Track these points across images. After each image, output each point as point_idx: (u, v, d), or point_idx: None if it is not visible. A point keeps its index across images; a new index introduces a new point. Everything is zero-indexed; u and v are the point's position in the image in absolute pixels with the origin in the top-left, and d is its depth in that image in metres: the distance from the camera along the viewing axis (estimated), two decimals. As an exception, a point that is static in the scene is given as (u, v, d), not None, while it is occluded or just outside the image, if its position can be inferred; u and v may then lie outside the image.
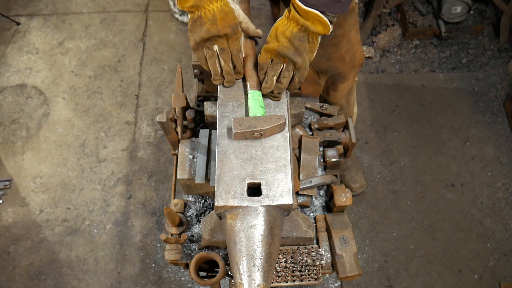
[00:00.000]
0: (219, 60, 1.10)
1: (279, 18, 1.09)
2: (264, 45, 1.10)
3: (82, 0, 3.25)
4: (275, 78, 1.10)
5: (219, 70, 1.11)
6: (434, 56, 2.97)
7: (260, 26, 1.25)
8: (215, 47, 1.07)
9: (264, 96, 1.14)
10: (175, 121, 1.38)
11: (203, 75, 1.48)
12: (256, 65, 1.15)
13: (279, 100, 1.15)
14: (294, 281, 1.22)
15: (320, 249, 1.27)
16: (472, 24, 2.98)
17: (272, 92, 1.13)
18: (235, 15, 1.06)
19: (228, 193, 1.00)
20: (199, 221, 1.34)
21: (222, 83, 1.14)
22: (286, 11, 1.07)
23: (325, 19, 1.03)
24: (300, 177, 1.34)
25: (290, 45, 1.06)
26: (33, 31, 3.10)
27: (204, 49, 1.09)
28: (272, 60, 1.10)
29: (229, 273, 1.24)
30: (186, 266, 1.30)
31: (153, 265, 2.32)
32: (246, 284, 0.92)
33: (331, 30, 1.07)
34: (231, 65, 1.10)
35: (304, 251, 1.25)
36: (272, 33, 1.09)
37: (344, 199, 1.27)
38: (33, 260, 2.34)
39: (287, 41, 1.05)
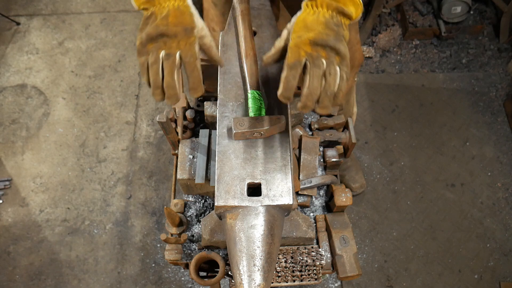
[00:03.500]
0: (162, 70, 0.89)
1: (300, 12, 0.91)
2: (290, 41, 0.88)
3: (82, 0, 3.25)
4: (322, 78, 0.86)
5: (161, 81, 0.89)
6: (434, 56, 2.96)
7: (260, 26, 1.25)
8: (161, 53, 0.88)
9: (301, 112, 0.90)
10: (175, 121, 1.38)
11: (203, 75, 1.48)
12: (256, 63, 1.15)
13: (331, 113, 0.90)
14: (294, 281, 1.22)
15: (320, 249, 1.27)
16: (472, 24, 2.98)
17: (318, 101, 0.87)
18: (192, 19, 0.91)
19: (228, 193, 1.00)
20: (199, 221, 1.34)
21: (162, 100, 0.91)
22: (303, 3, 0.91)
23: None
24: (300, 177, 1.34)
25: (329, 30, 0.86)
26: (33, 31, 3.10)
27: (148, 54, 0.89)
28: (306, 59, 0.86)
29: (229, 273, 1.24)
30: (186, 266, 1.30)
31: (153, 265, 2.32)
32: (246, 284, 0.92)
33: (360, 15, 0.92)
34: (175, 77, 0.89)
35: (304, 251, 1.25)
36: (298, 27, 0.89)
37: (344, 199, 1.27)
38: (33, 260, 2.34)
39: (324, 27, 0.86)
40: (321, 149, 1.45)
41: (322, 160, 1.44)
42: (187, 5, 0.92)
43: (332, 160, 1.41)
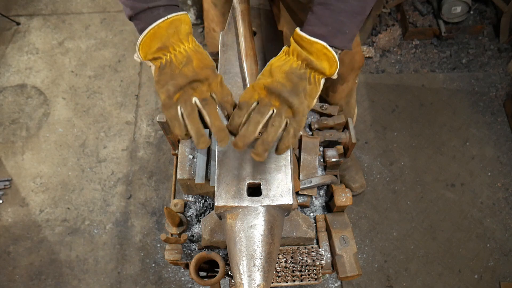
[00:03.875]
0: (201, 116, 0.86)
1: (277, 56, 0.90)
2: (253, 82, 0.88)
3: (82, 0, 3.25)
4: (260, 126, 0.85)
5: (203, 129, 0.86)
6: (434, 56, 2.97)
7: (260, 26, 1.26)
8: (194, 100, 0.84)
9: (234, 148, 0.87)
10: (175, 121, 1.38)
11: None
12: (256, 63, 1.15)
13: (261, 160, 0.86)
14: (294, 281, 1.22)
15: (320, 249, 1.27)
16: (472, 24, 2.98)
17: (253, 145, 0.85)
18: (210, 58, 0.88)
19: (228, 193, 1.00)
20: (199, 221, 1.34)
21: (210, 145, 0.88)
22: (284, 47, 0.90)
23: (333, 52, 0.85)
24: (300, 177, 1.34)
25: (287, 81, 0.84)
26: (33, 31, 3.10)
27: (179, 106, 0.84)
28: (258, 102, 0.85)
29: (229, 273, 1.24)
30: (186, 266, 1.30)
31: (153, 265, 2.32)
32: (246, 284, 0.92)
33: (336, 72, 0.89)
34: (219, 119, 0.86)
35: (304, 251, 1.25)
36: (265, 70, 0.88)
37: (344, 199, 1.27)
38: (33, 260, 2.34)
39: (283, 76, 0.84)
40: (321, 149, 1.45)
41: (322, 160, 1.44)
42: (199, 44, 0.88)
43: (332, 160, 1.41)
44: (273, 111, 0.85)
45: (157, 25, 0.83)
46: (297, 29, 0.87)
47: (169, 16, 0.84)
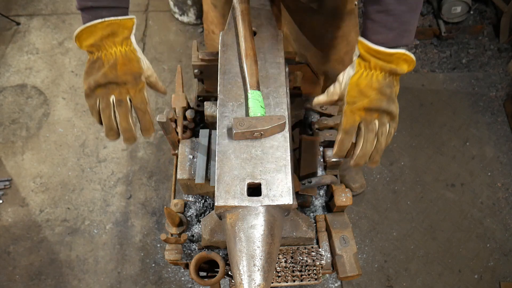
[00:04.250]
0: (115, 113, 0.94)
1: (352, 73, 0.94)
2: (344, 107, 0.95)
3: (82, 0, 3.25)
4: (375, 141, 0.94)
5: (115, 125, 0.95)
6: (434, 56, 2.97)
7: (260, 26, 1.26)
8: (112, 98, 0.93)
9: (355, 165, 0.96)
10: (175, 121, 1.38)
11: (203, 75, 1.48)
12: (256, 63, 1.15)
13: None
14: (294, 281, 1.22)
15: (320, 249, 1.27)
16: (472, 24, 2.98)
17: (369, 157, 0.96)
18: (140, 65, 0.95)
19: (228, 193, 1.00)
20: (199, 221, 1.34)
21: (116, 139, 0.97)
22: (356, 61, 0.94)
23: (411, 55, 0.91)
24: (300, 177, 1.34)
25: (381, 95, 0.91)
26: (33, 31, 3.10)
27: (98, 99, 0.94)
28: (360, 122, 0.94)
29: (229, 273, 1.24)
30: (186, 266, 1.30)
31: (153, 265, 2.32)
32: (246, 284, 0.92)
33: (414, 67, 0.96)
34: (130, 121, 0.95)
35: (304, 251, 1.25)
36: (353, 92, 0.94)
37: (344, 199, 1.27)
38: (33, 260, 2.34)
39: (377, 93, 0.91)
40: (321, 149, 1.45)
41: (322, 160, 1.44)
42: (133, 50, 0.95)
43: (332, 160, 1.41)
44: (377, 123, 0.93)
45: (93, 24, 0.91)
46: (368, 43, 0.91)
47: (106, 19, 0.91)
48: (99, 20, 0.90)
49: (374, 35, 0.91)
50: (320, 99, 1.05)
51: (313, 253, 1.25)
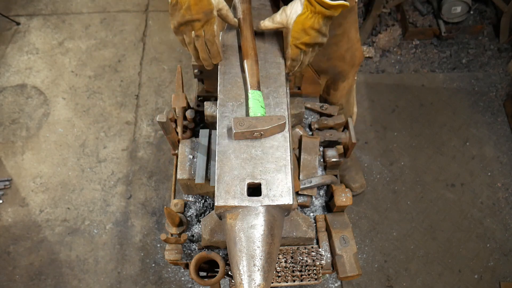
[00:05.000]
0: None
1: (299, 12, 1.13)
2: (289, 40, 1.15)
3: (82, 0, 3.25)
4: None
5: (198, 54, 1.16)
6: (434, 56, 2.96)
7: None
8: (192, 34, 1.11)
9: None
10: (175, 121, 1.38)
11: (203, 75, 1.48)
12: (257, 63, 1.15)
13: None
14: (294, 281, 1.22)
15: (320, 249, 1.27)
16: (472, 24, 2.98)
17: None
18: (210, 1, 1.08)
19: (228, 193, 1.00)
20: (199, 221, 1.34)
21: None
22: (304, 3, 1.11)
23: (347, 3, 1.09)
24: (300, 177, 1.34)
25: (319, 33, 1.14)
26: (33, 31, 3.10)
27: (183, 35, 1.13)
28: (301, 51, 1.17)
29: (229, 273, 1.24)
30: (186, 266, 1.30)
31: (153, 265, 2.32)
32: (246, 284, 0.92)
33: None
34: (206, 51, 1.15)
35: (304, 251, 1.25)
36: (297, 28, 1.13)
37: (344, 199, 1.28)
38: (33, 260, 2.34)
39: (315, 32, 1.13)
40: (321, 149, 1.45)
41: (322, 160, 1.44)
42: None
43: (332, 160, 1.41)
44: (310, 50, 1.18)
45: None
46: None
47: None
48: None
49: None
50: (266, 24, 1.20)
51: (313, 253, 1.25)
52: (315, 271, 1.23)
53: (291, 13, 1.14)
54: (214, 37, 1.12)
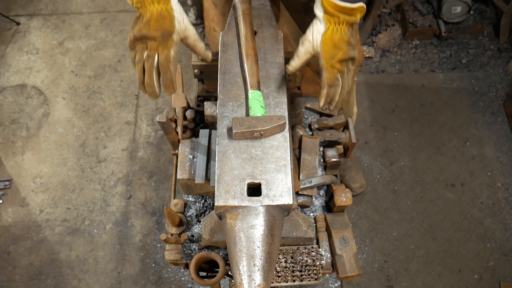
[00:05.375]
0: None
1: (323, 30, 1.02)
2: (322, 62, 1.03)
3: (82, 0, 3.25)
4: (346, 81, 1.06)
5: (142, 77, 1.03)
6: (434, 56, 2.96)
7: (260, 26, 1.26)
8: (145, 53, 1.00)
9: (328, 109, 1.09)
10: (175, 121, 1.38)
11: (203, 75, 1.48)
12: (256, 63, 1.15)
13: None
14: (294, 281, 1.22)
15: (320, 249, 1.27)
16: (472, 24, 2.98)
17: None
18: (172, 23, 1.00)
19: (228, 193, 1.00)
20: (199, 221, 1.34)
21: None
22: (325, 18, 1.02)
23: (365, 5, 1.02)
24: (300, 177, 1.34)
25: (350, 45, 1.03)
26: (33, 31, 3.10)
27: (136, 50, 1.02)
28: (338, 73, 1.04)
29: (229, 273, 1.24)
30: (186, 266, 1.30)
31: (153, 265, 2.32)
32: (246, 284, 0.92)
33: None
34: (153, 76, 1.01)
35: (304, 251, 1.25)
36: (328, 46, 1.02)
37: (344, 199, 1.27)
38: (33, 260, 2.34)
39: (346, 44, 1.02)
40: (321, 149, 1.45)
41: (322, 160, 1.44)
42: (169, 9, 1.00)
43: (332, 160, 1.41)
44: (346, 69, 1.04)
45: None
46: (335, 1, 0.99)
47: None
48: None
49: None
50: (294, 64, 1.09)
51: (313, 253, 1.25)
52: (315, 271, 1.23)
53: (315, 35, 1.04)
54: (169, 63, 1.01)
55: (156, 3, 0.99)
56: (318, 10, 1.03)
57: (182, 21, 1.04)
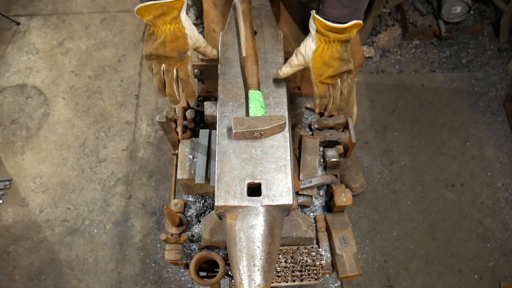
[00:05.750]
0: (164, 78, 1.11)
1: (314, 47, 1.06)
2: (313, 78, 1.08)
3: (82, 0, 3.25)
4: (340, 94, 1.13)
5: (163, 86, 1.13)
6: (434, 56, 2.96)
7: (260, 26, 1.26)
8: (162, 66, 1.08)
9: (323, 114, 1.17)
10: (175, 121, 1.38)
11: (203, 75, 1.48)
12: (256, 63, 1.15)
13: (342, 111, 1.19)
14: (294, 281, 1.22)
15: (320, 249, 1.27)
16: (472, 24, 2.98)
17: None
18: (186, 41, 1.06)
19: (228, 193, 1.00)
20: (199, 221, 1.34)
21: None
22: (316, 36, 1.05)
23: (361, 22, 1.03)
24: (300, 177, 1.34)
25: (342, 61, 1.06)
26: (33, 31, 3.10)
27: (152, 63, 1.10)
28: (329, 86, 1.10)
29: (229, 273, 1.24)
30: (186, 266, 1.30)
31: (153, 265, 2.32)
32: (246, 284, 0.92)
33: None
34: (174, 87, 1.11)
35: (304, 251, 1.25)
36: (317, 64, 1.07)
37: (344, 199, 1.27)
38: (33, 260, 2.34)
39: (338, 61, 1.05)
40: (321, 149, 1.45)
41: (322, 160, 1.44)
42: (181, 27, 1.06)
43: (332, 160, 1.41)
44: (339, 81, 1.10)
45: (147, 5, 1.03)
46: (325, 21, 1.01)
47: (157, 2, 1.02)
48: (151, 2, 1.02)
49: (330, 8, 1.02)
50: (285, 71, 1.14)
51: (313, 253, 1.25)
52: (315, 271, 1.23)
53: (307, 51, 1.08)
54: (188, 77, 1.10)
55: (169, 24, 1.04)
56: (310, 27, 1.07)
57: (193, 34, 1.11)
